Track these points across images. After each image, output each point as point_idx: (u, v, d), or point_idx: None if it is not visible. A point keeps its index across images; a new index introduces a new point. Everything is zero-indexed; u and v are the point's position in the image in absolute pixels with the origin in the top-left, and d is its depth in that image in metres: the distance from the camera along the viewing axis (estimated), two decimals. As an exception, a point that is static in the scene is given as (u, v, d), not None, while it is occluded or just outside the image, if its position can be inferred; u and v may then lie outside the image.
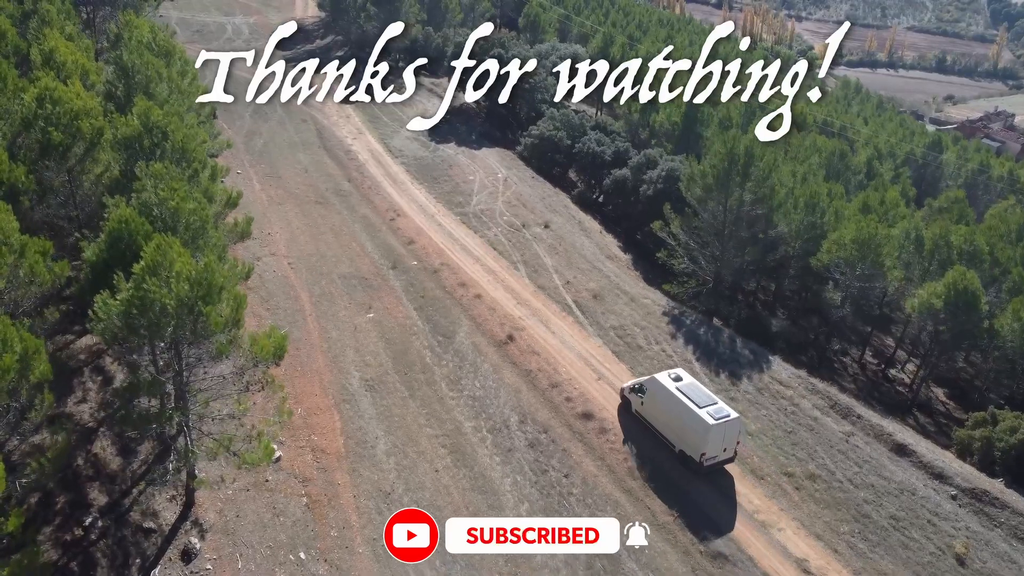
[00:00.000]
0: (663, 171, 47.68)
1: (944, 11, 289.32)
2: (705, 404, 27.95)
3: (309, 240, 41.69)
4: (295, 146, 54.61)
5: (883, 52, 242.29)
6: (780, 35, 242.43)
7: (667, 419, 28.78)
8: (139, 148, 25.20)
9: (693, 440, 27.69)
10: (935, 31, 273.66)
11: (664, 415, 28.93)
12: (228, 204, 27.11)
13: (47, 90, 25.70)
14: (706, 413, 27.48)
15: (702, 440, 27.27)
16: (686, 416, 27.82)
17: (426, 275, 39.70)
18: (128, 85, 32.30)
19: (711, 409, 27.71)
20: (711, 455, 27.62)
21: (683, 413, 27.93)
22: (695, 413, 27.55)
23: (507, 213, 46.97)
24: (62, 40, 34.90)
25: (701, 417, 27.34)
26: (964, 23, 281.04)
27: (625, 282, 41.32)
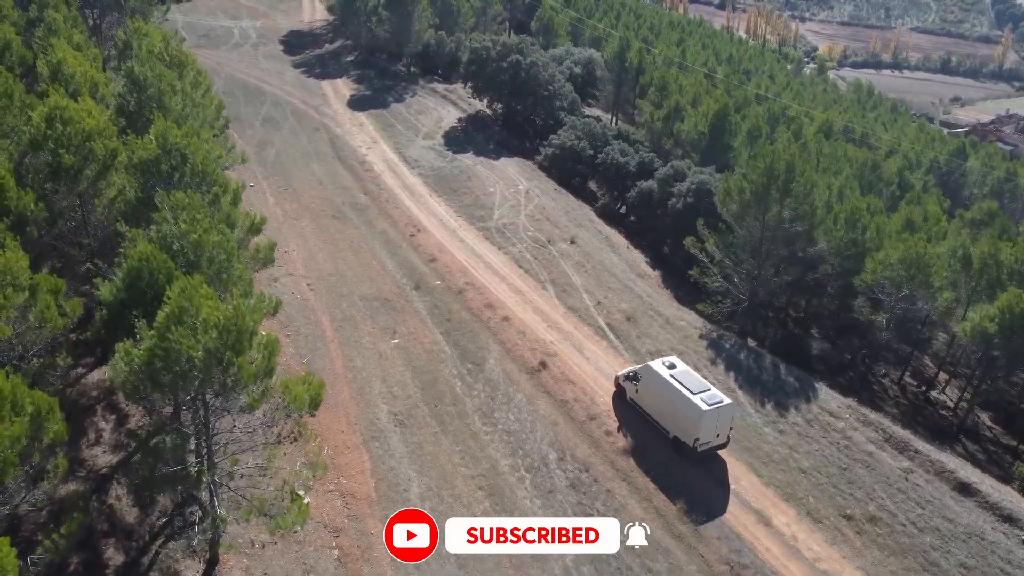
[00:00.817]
0: (693, 184, 45.81)
1: (948, 12, 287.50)
2: (698, 391, 28.22)
3: (327, 258, 39.82)
4: (308, 156, 52.76)
5: (887, 53, 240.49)
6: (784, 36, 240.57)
7: (661, 406, 29.16)
8: (156, 172, 23.34)
9: (687, 426, 28.04)
10: (939, 32, 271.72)
11: (658, 402, 29.28)
12: (251, 230, 25.28)
13: (57, 109, 23.85)
14: (699, 399, 27.72)
15: (695, 426, 27.59)
16: (680, 402, 28.15)
17: (451, 296, 37.85)
18: (140, 99, 30.45)
19: (704, 395, 27.98)
20: (704, 440, 27.95)
21: (677, 399, 28.27)
22: (688, 399, 27.85)
23: (531, 228, 45.12)
24: (70, 51, 33.09)
25: (694, 403, 27.62)
26: (968, 24, 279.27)
27: (658, 302, 39.46)
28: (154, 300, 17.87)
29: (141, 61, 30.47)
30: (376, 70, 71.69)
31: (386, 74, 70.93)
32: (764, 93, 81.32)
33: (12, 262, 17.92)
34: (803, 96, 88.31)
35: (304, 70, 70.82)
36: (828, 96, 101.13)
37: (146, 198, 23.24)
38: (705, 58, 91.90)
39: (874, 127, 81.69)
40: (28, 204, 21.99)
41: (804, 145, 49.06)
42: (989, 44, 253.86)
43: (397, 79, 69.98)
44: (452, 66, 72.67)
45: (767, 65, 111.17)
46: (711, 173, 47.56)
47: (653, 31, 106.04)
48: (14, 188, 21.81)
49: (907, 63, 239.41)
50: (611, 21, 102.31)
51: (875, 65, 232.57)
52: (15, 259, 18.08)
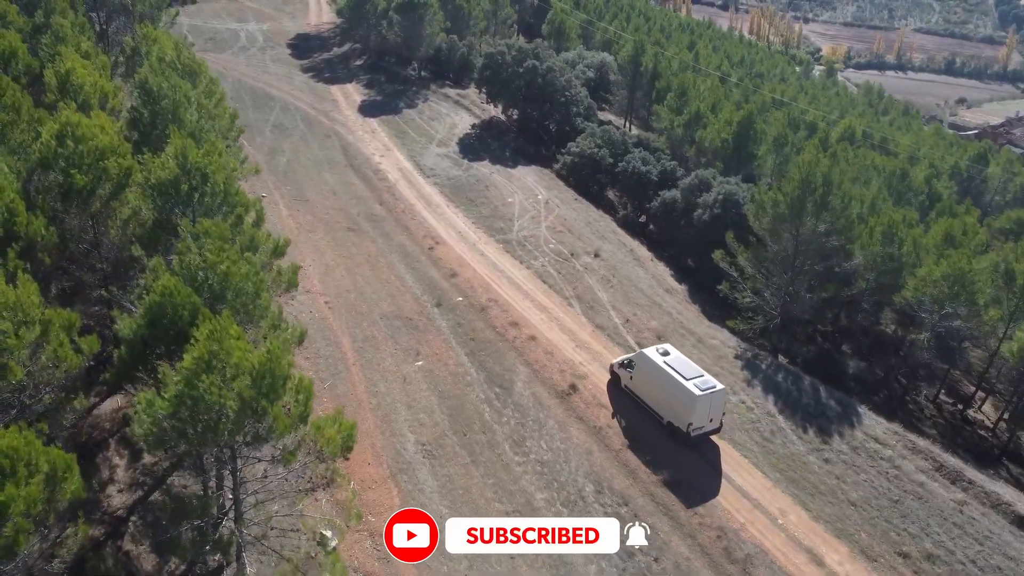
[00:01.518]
0: (720, 195, 44.33)
1: (952, 12, 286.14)
2: (691, 376, 28.81)
3: (345, 274, 38.33)
4: (320, 165, 51.26)
5: (891, 54, 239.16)
6: (787, 37, 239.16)
7: (655, 392, 29.67)
8: (175, 193, 21.85)
9: (680, 411, 28.59)
10: (943, 33, 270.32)
11: (652, 388, 29.79)
12: (274, 253, 23.79)
13: (69, 125, 22.35)
14: (692, 384, 28.34)
15: (688, 411, 28.17)
16: (673, 388, 28.66)
17: (474, 313, 36.36)
18: (154, 111, 28.95)
19: (697, 381, 28.59)
20: (698, 425, 28.51)
21: (670, 385, 28.80)
22: (682, 385, 28.41)
23: (553, 240, 43.62)
24: (79, 60, 31.62)
25: (688, 388, 28.21)
26: (972, 25, 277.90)
27: (688, 319, 37.98)
28: (178, 338, 16.39)
29: (155, 71, 28.98)
30: (386, 75, 70.19)
31: (396, 79, 69.44)
32: (780, 97, 79.86)
33: (24, 297, 16.44)
34: (819, 100, 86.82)
35: (313, 74, 69.30)
36: (842, 100, 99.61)
37: (164, 220, 21.77)
38: (718, 61, 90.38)
39: (892, 132, 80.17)
40: (38, 229, 20.52)
41: (834, 155, 47.54)
42: (993, 45, 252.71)
43: (408, 84, 68.47)
44: (463, 70, 71.22)
45: (778, 68, 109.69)
46: (737, 183, 46.11)
47: (664, 33, 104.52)
48: (24, 212, 20.33)
49: (911, 64, 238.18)
50: (621, 23, 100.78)
51: (879, 66, 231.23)
52: (27, 294, 16.60)
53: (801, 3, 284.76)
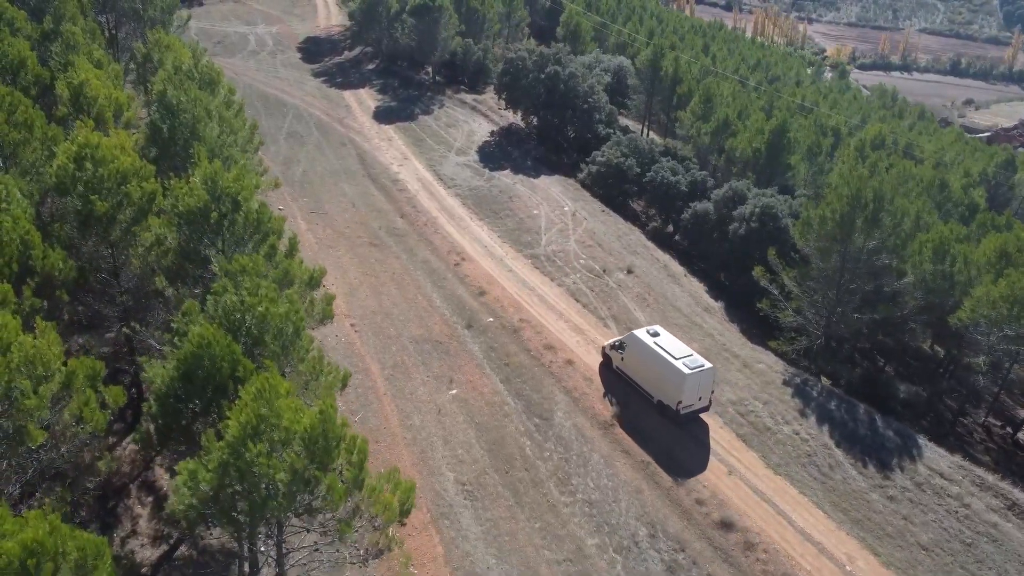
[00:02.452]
0: (756, 208, 42.49)
1: (956, 13, 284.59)
2: (681, 356, 29.34)
3: (370, 294, 36.48)
4: (337, 175, 49.43)
5: (896, 55, 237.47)
6: (791, 38, 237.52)
7: (645, 372, 30.19)
8: (205, 222, 20.00)
9: (670, 390, 29.02)
10: (948, 33, 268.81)
11: (643, 368, 30.31)
12: (308, 284, 21.93)
13: (87, 147, 20.48)
14: (681, 364, 28.84)
15: (678, 389, 28.60)
16: (663, 367, 29.15)
17: (506, 335, 34.53)
18: (173, 125, 27.10)
19: (686, 360, 29.11)
20: (687, 403, 28.97)
21: (660, 365, 29.29)
22: (671, 364, 28.89)
23: (583, 255, 41.77)
24: (92, 70, 29.75)
25: (677, 367, 28.69)
26: (977, 25, 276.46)
27: (730, 341, 36.15)
28: (215, 392, 14.56)
29: (174, 83, 27.12)
30: (400, 79, 68.36)
31: (410, 83, 67.62)
32: (802, 102, 78.02)
33: (43, 349, 14.61)
34: (840, 105, 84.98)
35: (325, 79, 67.47)
36: (861, 104, 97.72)
37: (192, 251, 19.94)
38: (736, 65, 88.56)
39: (915, 138, 78.30)
40: (56, 263, 18.69)
41: (874, 167, 45.71)
42: (998, 46, 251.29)
43: (422, 89, 66.66)
44: (479, 75, 69.44)
45: (793, 71, 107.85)
46: (773, 195, 44.30)
47: (677, 35, 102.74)
48: (39, 244, 18.50)
49: (916, 65, 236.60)
50: (635, 26, 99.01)
51: (884, 67, 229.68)
52: (46, 345, 14.76)
53: (805, 3, 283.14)
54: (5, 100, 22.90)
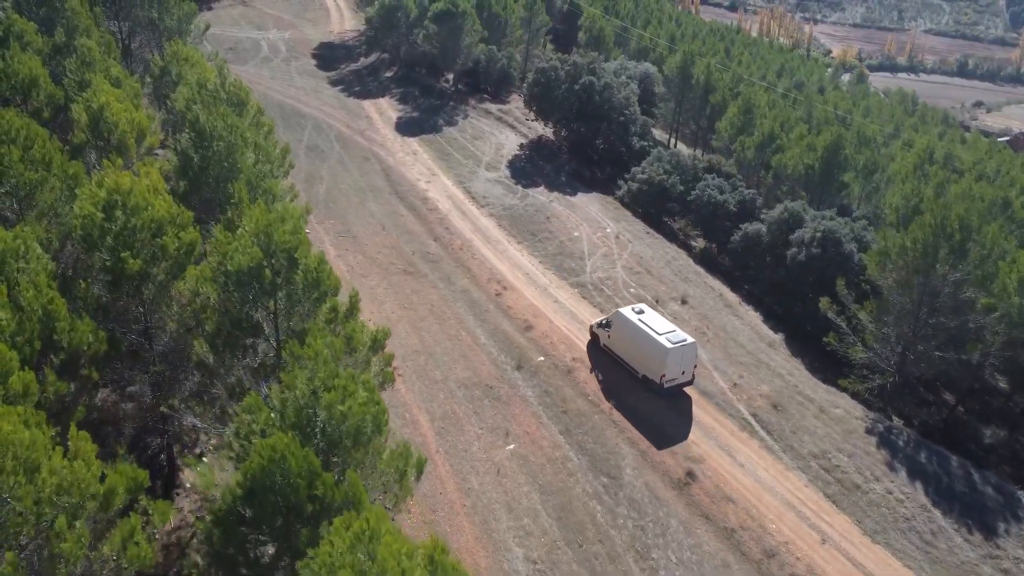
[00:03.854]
0: (817, 232, 39.61)
1: (962, 13, 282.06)
2: (664, 331, 30.28)
3: (410, 330, 33.62)
4: (362, 192, 46.56)
5: (903, 56, 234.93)
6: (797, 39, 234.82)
7: (630, 348, 31.03)
8: (258, 283, 17.15)
9: (653, 364, 29.96)
10: (954, 34, 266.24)
11: (628, 344, 31.17)
12: (371, 349, 19.08)
13: (117, 193, 17.62)
14: (664, 339, 29.76)
15: (661, 363, 29.58)
16: (646, 343, 30.05)
17: (559, 377, 31.70)
18: (205, 156, 24.22)
19: (669, 335, 30.06)
20: (670, 377, 29.90)
21: (644, 340, 30.19)
22: (654, 339, 29.83)
23: (632, 283, 38.94)
24: (111, 91, 26.86)
25: (659, 342, 29.62)
26: (983, 26, 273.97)
27: (800, 381, 33.33)
28: (290, 515, 11.73)
29: (206, 105, 24.23)
30: (420, 87, 65.46)
31: (431, 92, 64.72)
32: (834, 110, 75.23)
33: (80, 472, 11.78)
34: (873, 113, 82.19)
35: (342, 88, 64.56)
36: (892, 111, 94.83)
37: (242, 317, 17.10)
38: (762, 71, 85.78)
39: (953, 148, 75.51)
40: (84, 337, 15.86)
41: (940, 187, 42.92)
42: (1005, 47, 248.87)
43: (444, 98, 63.76)
44: (502, 83, 66.62)
45: (816, 75, 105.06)
46: (833, 217, 41.48)
47: (698, 39, 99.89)
48: (65, 315, 15.66)
49: (922, 66, 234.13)
50: (655, 29, 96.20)
51: (890, 68, 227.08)
52: (83, 468, 11.91)
53: (809, 4, 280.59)
54: (20, 134, 20.05)
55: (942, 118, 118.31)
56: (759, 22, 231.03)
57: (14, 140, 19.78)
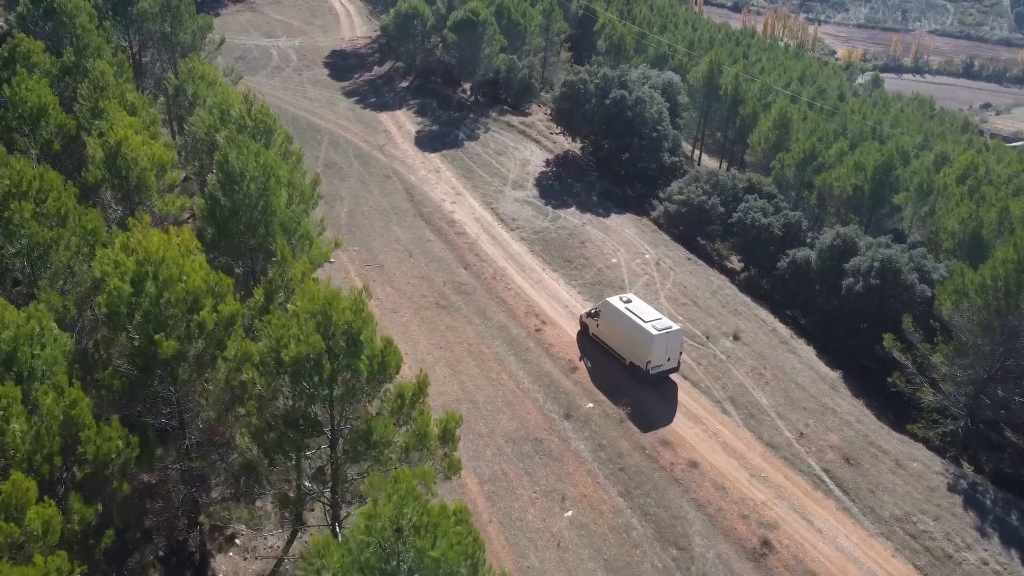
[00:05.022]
0: (875, 261, 37.14)
1: (966, 14, 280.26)
2: (650, 319, 30.81)
3: (448, 374, 31.14)
4: (386, 215, 44.04)
5: (908, 57, 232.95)
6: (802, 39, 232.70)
7: (618, 336, 31.73)
8: (317, 374, 14.63)
9: (640, 351, 30.56)
10: (958, 35, 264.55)
11: (616, 333, 31.85)
12: (442, 440, 16.58)
13: (149, 263, 15.12)
14: (650, 326, 30.36)
15: (647, 349, 30.14)
16: (633, 330, 30.72)
17: (611, 426, 29.24)
18: (236, 199, 21.71)
19: (655, 322, 30.62)
20: (656, 363, 30.49)
21: (631, 328, 30.87)
22: (640, 326, 30.47)
23: (679, 316, 36.47)
24: (127, 120, 24.34)
25: (645, 329, 30.24)
26: (988, 27, 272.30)
27: (871, 429, 30.89)
28: None
29: (237, 145, 21.71)
30: (437, 99, 63.00)
31: (449, 104, 62.25)
32: (863, 119, 72.74)
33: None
34: (901, 122, 79.70)
35: (357, 99, 62.06)
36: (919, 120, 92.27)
37: (297, 412, 14.61)
38: (786, 79, 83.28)
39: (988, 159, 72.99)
40: (113, 446, 13.40)
41: (1004, 211, 40.43)
42: (1010, 48, 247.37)
43: (463, 110, 61.28)
44: (523, 94, 64.08)
45: (836, 81, 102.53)
46: (889, 244, 39.05)
47: (713, 44, 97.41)
48: (92, 422, 13.20)
49: (928, 67, 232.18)
50: (673, 35, 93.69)
51: (896, 69, 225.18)
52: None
53: (813, 4, 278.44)
54: (32, 185, 17.55)
55: (962, 125, 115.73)
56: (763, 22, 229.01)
57: (25, 193, 17.30)
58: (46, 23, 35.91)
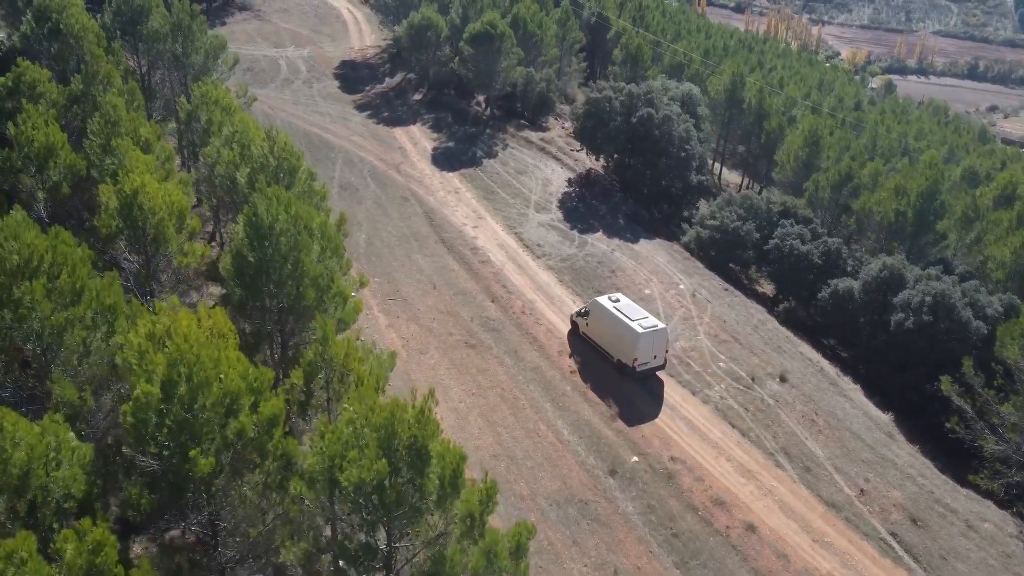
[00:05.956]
0: (927, 296, 35.21)
1: (970, 15, 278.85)
2: (636, 318, 31.47)
3: (482, 424, 29.15)
4: (406, 241, 42.02)
5: (912, 58, 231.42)
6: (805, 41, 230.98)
7: (606, 334, 32.41)
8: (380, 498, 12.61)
9: (626, 349, 31.24)
10: (962, 36, 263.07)
11: (604, 331, 32.53)
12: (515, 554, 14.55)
13: (181, 363, 13.11)
14: (637, 324, 31.00)
15: (633, 347, 30.78)
16: (620, 328, 31.34)
17: (660, 484, 27.29)
18: (264, 255, 19.70)
19: (641, 321, 31.27)
20: (642, 361, 31.10)
21: (618, 326, 31.50)
22: (627, 325, 31.09)
23: (721, 355, 34.52)
24: (144, 162, 22.31)
25: (632, 327, 30.87)
26: (992, 27, 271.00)
27: (935, 484, 28.97)
28: None
29: (266, 196, 19.70)
30: (452, 112, 60.95)
31: (465, 118, 60.19)
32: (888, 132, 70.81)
33: None
34: (925, 134, 77.77)
35: (370, 113, 59.97)
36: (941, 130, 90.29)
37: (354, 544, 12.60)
38: (805, 89, 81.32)
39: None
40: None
41: (1061, 242, 38.48)
42: (1015, 49, 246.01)
43: (479, 125, 59.23)
44: (541, 108, 62.03)
45: (853, 89, 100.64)
46: (939, 276, 37.10)
47: (726, 51, 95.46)
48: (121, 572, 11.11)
49: (932, 69, 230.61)
50: (688, 43, 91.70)
51: (900, 71, 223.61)
52: None
53: (816, 5, 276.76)
54: (44, 260, 15.52)
55: (979, 133, 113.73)
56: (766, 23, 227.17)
57: (36, 271, 15.29)
58: (51, 44, 33.91)
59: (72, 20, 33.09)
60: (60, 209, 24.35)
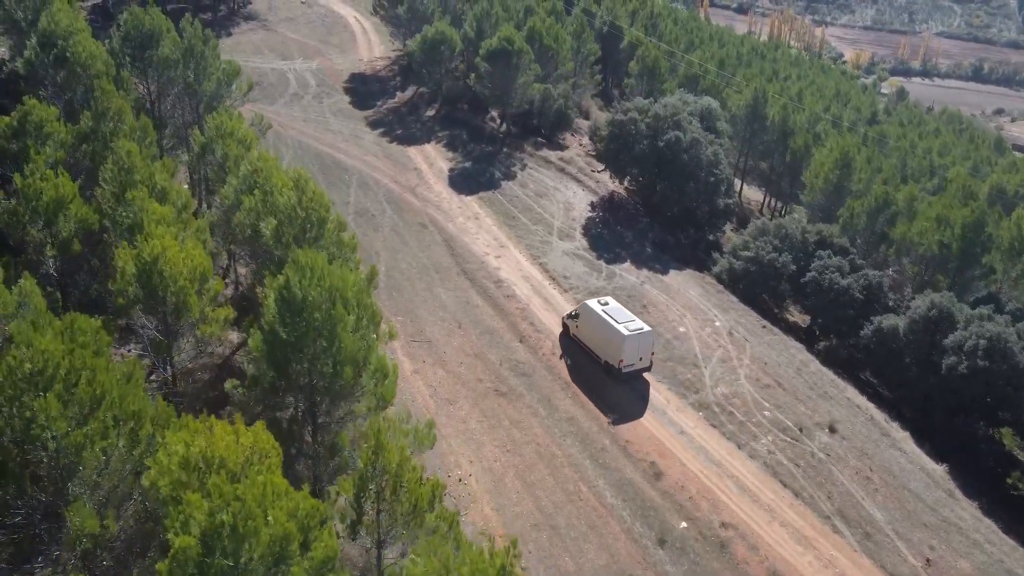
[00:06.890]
0: (981, 340, 33.40)
1: (974, 16, 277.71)
2: (623, 320, 32.41)
3: (520, 488, 27.24)
4: (427, 273, 40.12)
5: (916, 60, 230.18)
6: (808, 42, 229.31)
7: (594, 336, 33.32)
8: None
9: (613, 350, 32.19)
10: (966, 37, 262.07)
11: (592, 333, 33.46)
12: None
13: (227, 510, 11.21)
14: (623, 327, 31.97)
15: (619, 349, 31.76)
16: (607, 331, 32.36)
17: (713, 555, 25.44)
18: (296, 329, 17.80)
19: (627, 324, 32.22)
20: (628, 362, 32.05)
21: (605, 329, 32.46)
22: (614, 327, 32.09)
23: (765, 402, 32.68)
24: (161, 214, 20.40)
25: (618, 330, 31.88)
26: (995, 28, 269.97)
27: (1006, 553, 27.17)
28: None
29: (300, 268, 17.78)
30: (467, 130, 59.03)
31: (480, 135, 58.28)
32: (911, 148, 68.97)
33: None
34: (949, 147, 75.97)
35: (383, 131, 58.02)
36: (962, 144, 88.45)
37: None
38: (825, 102, 79.47)
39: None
40: None
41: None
42: (1019, 50, 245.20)
43: (496, 143, 57.35)
44: (558, 125, 60.15)
45: (869, 99, 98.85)
46: (992, 316, 35.29)
47: (739, 60, 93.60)
48: None
49: (936, 70, 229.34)
50: (702, 53, 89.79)
51: (904, 72, 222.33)
52: None
53: (819, 6, 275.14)
54: (60, 366, 13.60)
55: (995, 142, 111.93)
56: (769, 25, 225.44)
57: (51, 381, 13.39)
58: (57, 72, 31.97)
59: (79, 48, 31.16)
60: (70, 265, 22.47)
